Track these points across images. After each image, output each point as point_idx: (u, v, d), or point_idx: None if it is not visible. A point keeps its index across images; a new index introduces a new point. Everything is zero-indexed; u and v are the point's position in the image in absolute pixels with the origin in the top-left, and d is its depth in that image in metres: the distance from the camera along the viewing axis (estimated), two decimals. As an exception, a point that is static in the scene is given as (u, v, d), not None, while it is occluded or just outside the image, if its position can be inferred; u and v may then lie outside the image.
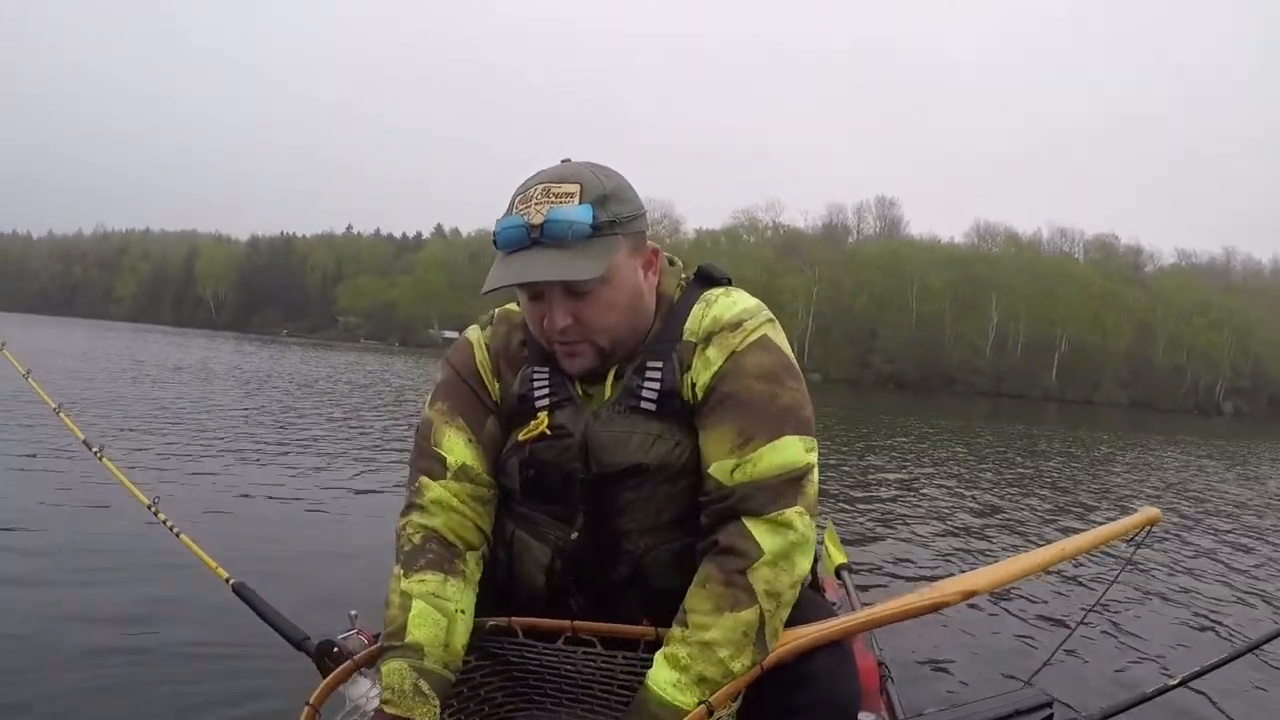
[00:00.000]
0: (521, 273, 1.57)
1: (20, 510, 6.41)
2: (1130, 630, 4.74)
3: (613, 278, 1.61)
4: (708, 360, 1.66)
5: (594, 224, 1.56)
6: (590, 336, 1.64)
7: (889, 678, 2.60)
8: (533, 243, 1.57)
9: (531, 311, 1.67)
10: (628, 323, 1.67)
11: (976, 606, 4.97)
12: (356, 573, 5.62)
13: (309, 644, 2.48)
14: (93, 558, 5.68)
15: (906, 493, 10.11)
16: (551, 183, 1.60)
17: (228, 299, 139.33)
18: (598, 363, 1.68)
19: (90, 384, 16.72)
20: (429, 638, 1.58)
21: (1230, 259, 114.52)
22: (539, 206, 1.57)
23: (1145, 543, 2.16)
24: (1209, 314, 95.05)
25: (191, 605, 4.59)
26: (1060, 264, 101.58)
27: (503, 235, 1.60)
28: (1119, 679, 3.92)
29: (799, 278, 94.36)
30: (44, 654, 4.03)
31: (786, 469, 1.58)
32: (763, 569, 1.53)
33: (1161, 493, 12.33)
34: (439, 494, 1.71)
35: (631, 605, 1.65)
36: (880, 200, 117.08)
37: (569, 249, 1.56)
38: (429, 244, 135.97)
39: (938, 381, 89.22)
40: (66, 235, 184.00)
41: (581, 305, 1.61)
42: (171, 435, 10.68)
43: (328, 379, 26.32)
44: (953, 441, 19.14)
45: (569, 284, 1.59)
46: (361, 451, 11.47)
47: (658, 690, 1.49)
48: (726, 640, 1.49)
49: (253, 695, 3.51)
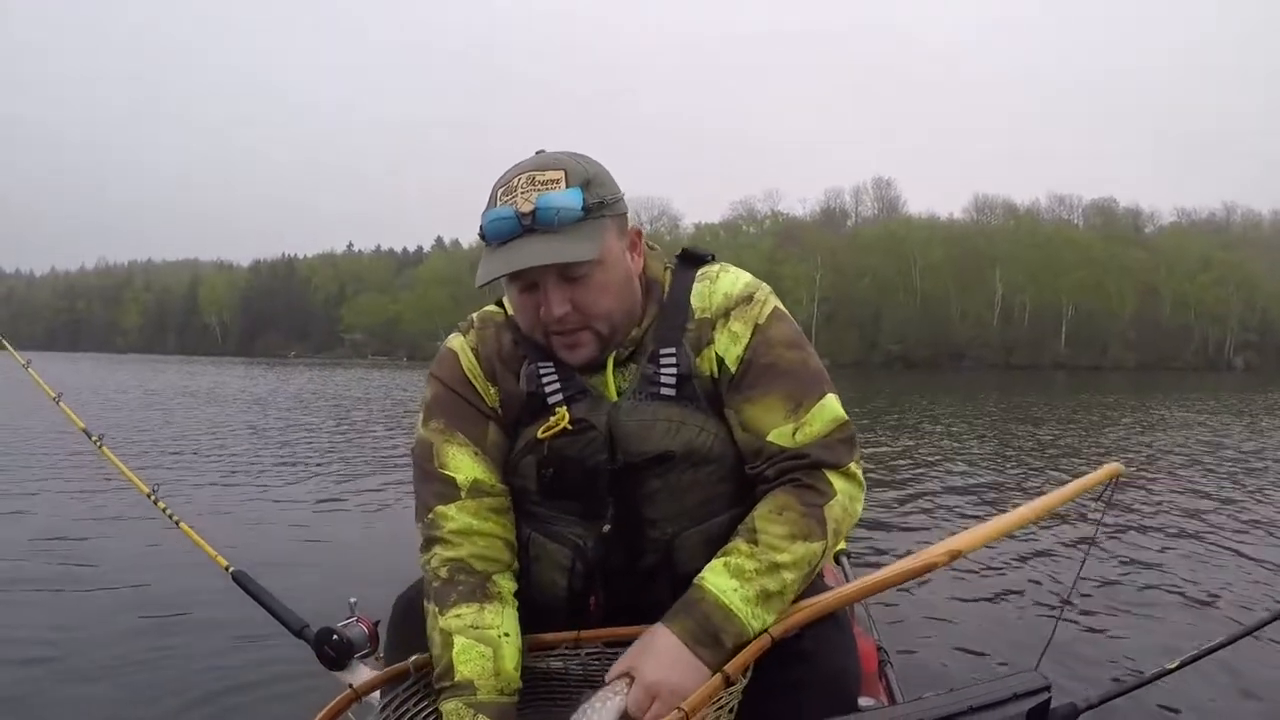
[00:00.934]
0: (518, 260, 1.55)
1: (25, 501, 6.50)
2: (1130, 611, 4.70)
3: (606, 259, 1.61)
4: (734, 334, 1.68)
5: (584, 206, 1.56)
6: (589, 323, 1.63)
7: (888, 662, 2.64)
8: (524, 230, 1.55)
9: (525, 305, 1.65)
10: (622, 306, 1.66)
11: (975, 590, 4.99)
12: (356, 562, 5.69)
13: (308, 631, 2.50)
14: (93, 552, 5.80)
15: (906, 476, 10.03)
16: (534, 170, 1.59)
17: (233, 325, 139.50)
18: (598, 351, 1.66)
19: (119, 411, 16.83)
20: (477, 671, 1.56)
21: (1230, 214, 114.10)
22: (526, 195, 1.56)
23: (1117, 503, 2.19)
24: (1212, 270, 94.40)
25: (191, 593, 4.67)
26: (1060, 231, 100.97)
27: (491, 227, 1.58)
28: (1118, 661, 3.91)
29: (801, 265, 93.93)
30: (43, 643, 4.11)
31: (838, 423, 1.66)
32: (835, 507, 1.60)
33: (1155, 453, 12.27)
34: (458, 522, 1.67)
35: (659, 592, 1.64)
36: (877, 182, 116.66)
37: (561, 234, 1.55)
38: (430, 258, 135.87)
39: (946, 358, 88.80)
40: (69, 271, 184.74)
41: (577, 291, 1.60)
42: (181, 440, 10.76)
43: (335, 395, 26.45)
44: (956, 419, 19.00)
45: (564, 270, 1.58)
46: (363, 453, 11.67)
47: (716, 592, 1.51)
48: (794, 565, 1.54)
49: (253, 682, 3.57)
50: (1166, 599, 4.99)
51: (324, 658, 2.45)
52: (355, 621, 2.50)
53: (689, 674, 1.47)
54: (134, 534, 6.30)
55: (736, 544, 1.57)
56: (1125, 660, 3.94)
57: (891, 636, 3.28)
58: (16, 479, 9.10)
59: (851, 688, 1.68)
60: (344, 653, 2.42)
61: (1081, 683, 3.35)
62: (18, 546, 6.06)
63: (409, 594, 1.81)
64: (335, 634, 2.43)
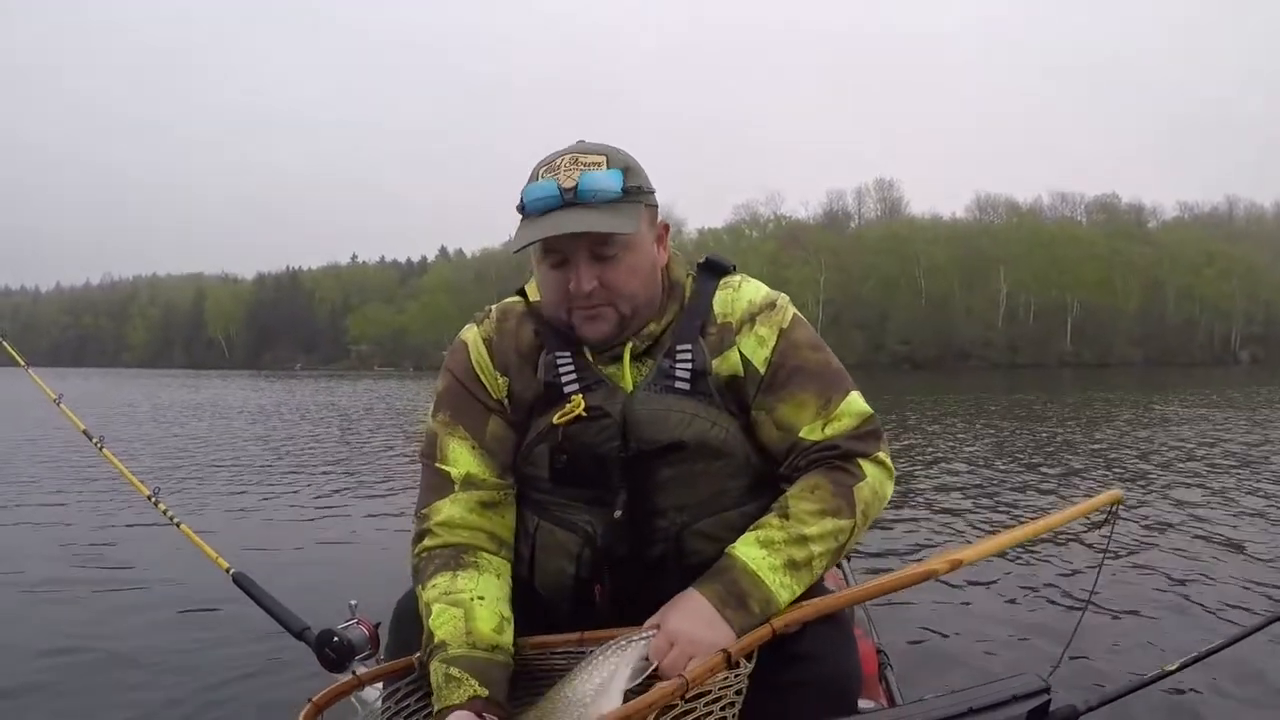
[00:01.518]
0: (558, 227, 1.61)
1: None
2: (1130, 613, 4.67)
3: (636, 244, 1.70)
4: (761, 338, 1.76)
5: (623, 188, 1.65)
6: (614, 300, 1.69)
7: (888, 665, 2.66)
8: (565, 204, 1.63)
9: (554, 280, 1.71)
10: (645, 292, 1.74)
11: (974, 594, 4.98)
12: (356, 564, 5.71)
13: (309, 633, 2.52)
14: (94, 553, 5.84)
15: (907, 479, 10.01)
16: (578, 153, 1.67)
17: (239, 338, 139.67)
18: (616, 330, 1.73)
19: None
20: (449, 633, 1.59)
21: (1233, 207, 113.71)
22: (569, 172, 1.64)
23: (1119, 519, 2.19)
24: (1216, 264, 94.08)
25: (191, 595, 4.70)
26: (1063, 229, 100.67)
27: (532, 198, 1.65)
28: (1118, 663, 3.87)
29: (805, 268, 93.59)
30: (43, 643, 4.15)
31: (864, 417, 1.75)
32: (865, 489, 1.68)
33: (1157, 460, 12.21)
34: (445, 514, 1.73)
35: (667, 583, 1.66)
36: (880, 183, 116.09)
37: (600, 209, 1.63)
38: (434, 267, 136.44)
39: (952, 358, 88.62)
40: (75, 287, 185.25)
41: (606, 269, 1.67)
42: (183, 448, 10.79)
43: (339, 405, 26.47)
44: (958, 420, 18.96)
45: (596, 248, 1.66)
46: (363, 458, 11.77)
47: (744, 559, 1.58)
48: (822, 539, 1.62)
49: (253, 684, 3.58)
50: (1167, 600, 4.96)
51: (325, 660, 2.46)
52: (356, 623, 2.51)
53: (712, 630, 1.51)
54: (134, 536, 6.36)
55: (768, 519, 1.64)
56: (1125, 662, 3.91)
57: (892, 639, 3.29)
58: (16, 479, 9.18)
59: (852, 689, 1.70)
60: (345, 655, 2.43)
61: (1081, 684, 3.33)
62: (18, 546, 6.12)
63: (409, 596, 1.83)
64: (336, 636, 2.44)
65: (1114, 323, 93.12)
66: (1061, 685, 1.87)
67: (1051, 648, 2.33)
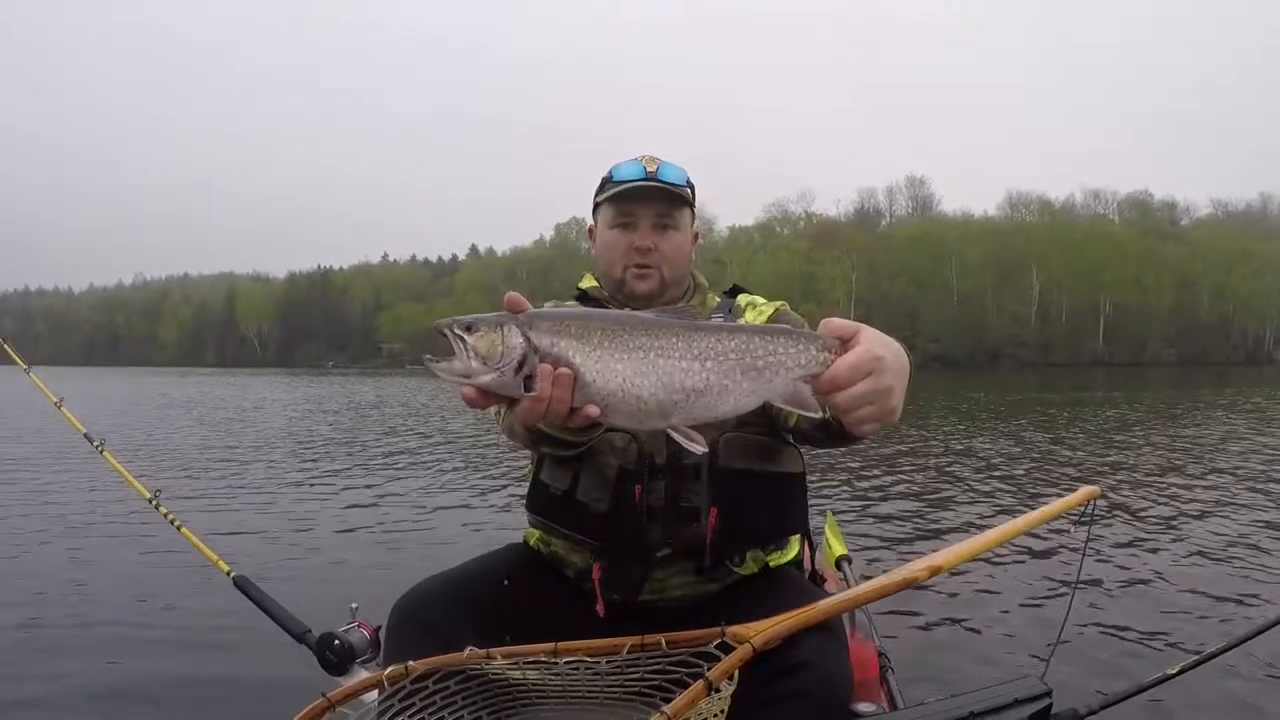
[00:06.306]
0: (642, 189, 2.07)
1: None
2: (1132, 617, 4.64)
3: (684, 228, 2.17)
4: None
5: (687, 183, 2.14)
6: (660, 264, 2.12)
7: (889, 668, 2.63)
8: (648, 177, 2.08)
9: (618, 240, 2.13)
10: (679, 272, 2.18)
11: (977, 594, 4.93)
12: (357, 567, 5.72)
13: (310, 636, 2.54)
14: (94, 554, 5.88)
15: (913, 479, 9.97)
16: (655, 155, 2.12)
17: (270, 336, 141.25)
18: (659, 289, 2.13)
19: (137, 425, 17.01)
20: None
21: (1267, 204, 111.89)
22: (651, 160, 2.11)
23: (1097, 518, 2.17)
24: (1250, 262, 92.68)
25: (192, 597, 4.73)
26: (1096, 226, 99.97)
27: (622, 171, 2.11)
28: (1120, 667, 3.88)
29: (836, 266, 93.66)
30: (45, 647, 4.20)
31: None
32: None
33: (1172, 461, 12.08)
34: None
35: (697, 490, 1.96)
36: (910, 180, 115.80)
37: (670, 190, 2.09)
38: (465, 265, 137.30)
39: (984, 357, 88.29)
40: (107, 287, 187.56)
41: (663, 237, 2.12)
42: (192, 448, 10.87)
43: (356, 405, 26.57)
44: (980, 421, 18.78)
45: (660, 218, 2.11)
46: (365, 460, 11.99)
47: None
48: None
49: (254, 687, 3.60)
50: (1169, 604, 4.93)
51: (325, 663, 2.47)
52: (356, 626, 2.52)
53: (902, 357, 1.58)
54: (135, 537, 6.40)
55: None
56: (1127, 666, 3.91)
57: (893, 642, 3.27)
58: (17, 481, 9.28)
59: (843, 695, 1.70)
60: (345, 658, 2.45)
61: (1083, 688, 3.32)
62: (18, 547, 6.17)
63: (408, 599, 1.89)
64: (337, 639, 2.45)
65: (1147, 322, 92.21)
66: (1063, 688, 1.85)
67: (1057, 650, 2.29)
